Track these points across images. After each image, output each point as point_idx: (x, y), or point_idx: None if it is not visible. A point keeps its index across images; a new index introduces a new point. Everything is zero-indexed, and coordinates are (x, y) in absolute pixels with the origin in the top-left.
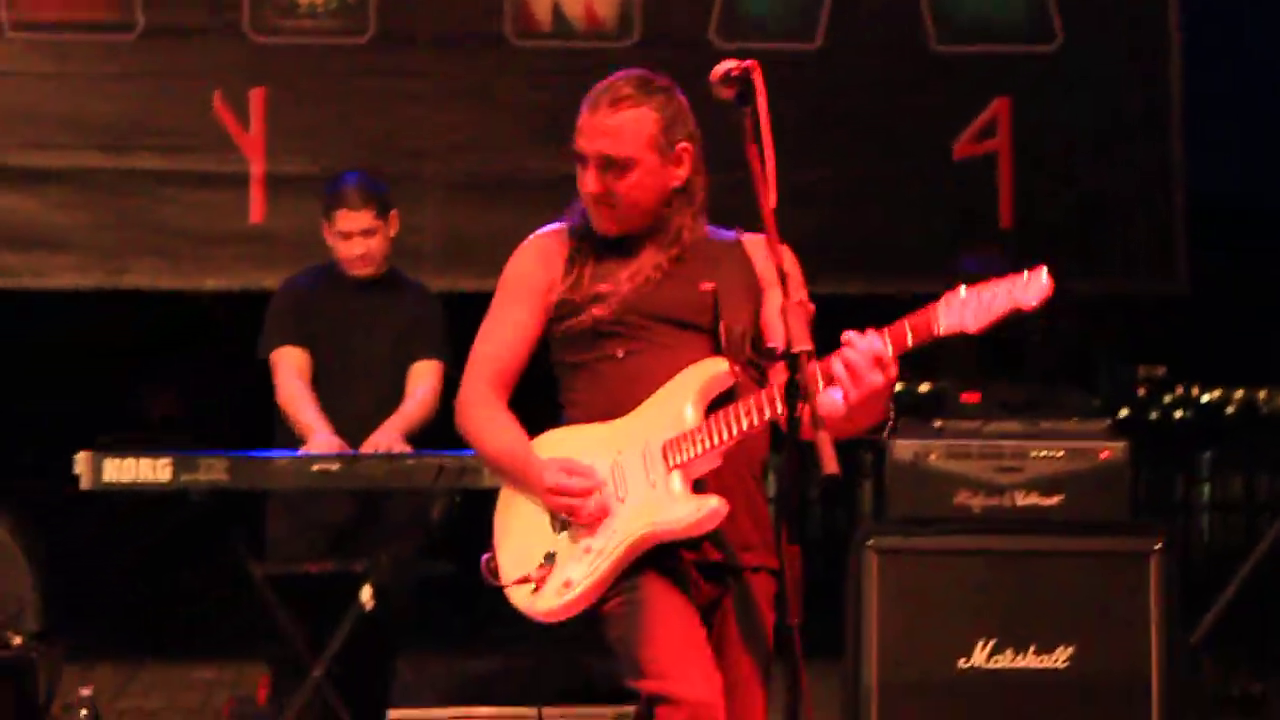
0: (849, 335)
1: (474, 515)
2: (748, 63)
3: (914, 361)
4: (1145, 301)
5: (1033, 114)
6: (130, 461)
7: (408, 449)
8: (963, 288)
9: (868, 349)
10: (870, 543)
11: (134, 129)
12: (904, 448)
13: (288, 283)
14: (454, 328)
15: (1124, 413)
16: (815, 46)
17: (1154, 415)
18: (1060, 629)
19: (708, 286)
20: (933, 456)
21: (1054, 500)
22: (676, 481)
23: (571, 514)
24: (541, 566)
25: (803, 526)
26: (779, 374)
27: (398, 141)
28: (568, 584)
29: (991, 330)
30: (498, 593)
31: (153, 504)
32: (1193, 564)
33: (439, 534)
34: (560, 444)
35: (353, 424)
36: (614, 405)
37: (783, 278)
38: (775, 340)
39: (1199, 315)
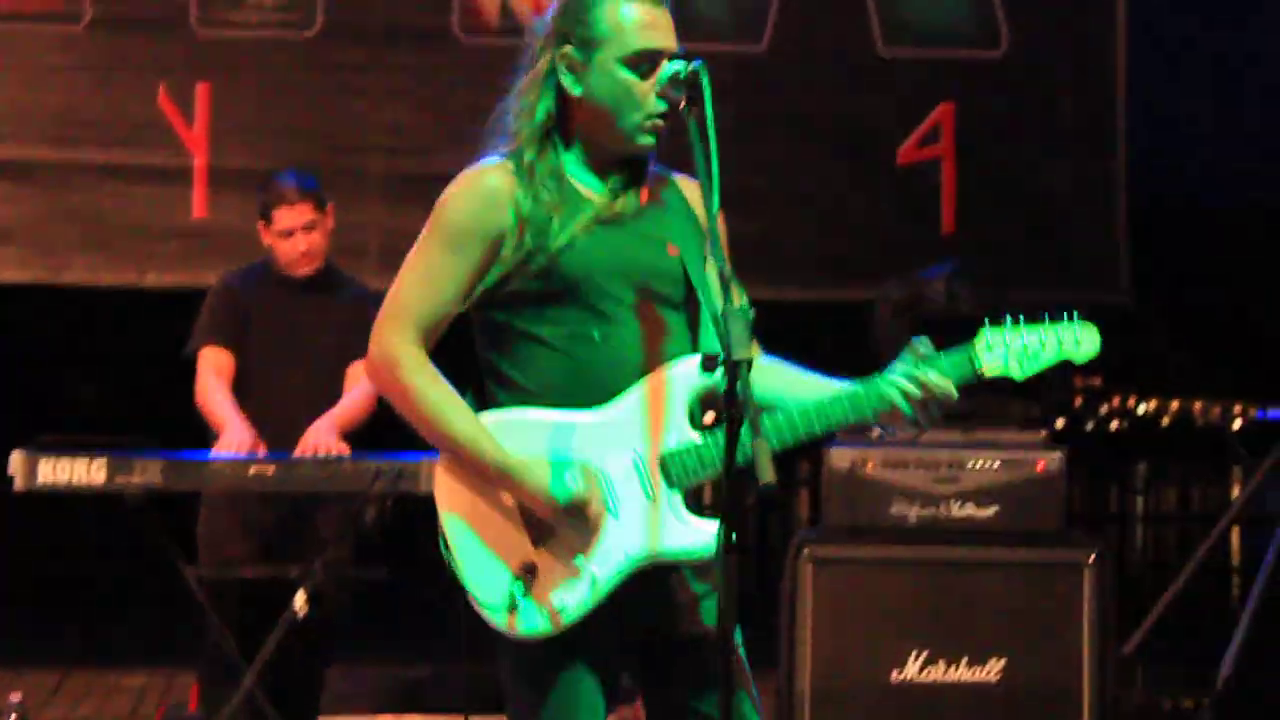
0: (918, 375)
1: (407, 520)
2: (695, 63)
3: (854, 369)
4: (1082, 310)
5: (977, 120)
6: (65, 462)
7: (344, 446)
8: (1005, 330)
9: (944, 394)
10: (806, 552)
11: (79, 122)
12: (841, 456)
13: (222, 281)
14: None
15: (1060, 423)
16: (762, 48)
17: (1090, 425)
18: (994, 640)
19: (674, 251)
20: (869, 466)
21: (990, 511)
22: (681, 504)
23: (576, 532)
24: (521, 578)
25: (739, 534)
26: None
27: (342, 138)
28: (560, 608)
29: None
30: (426, 599)
31: (84, 504)
32: (1127, 575)
33: (372, 538)
34: (515, 432)
35: (291, 423)
36: (581, 392)
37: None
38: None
39: (1136, 325)
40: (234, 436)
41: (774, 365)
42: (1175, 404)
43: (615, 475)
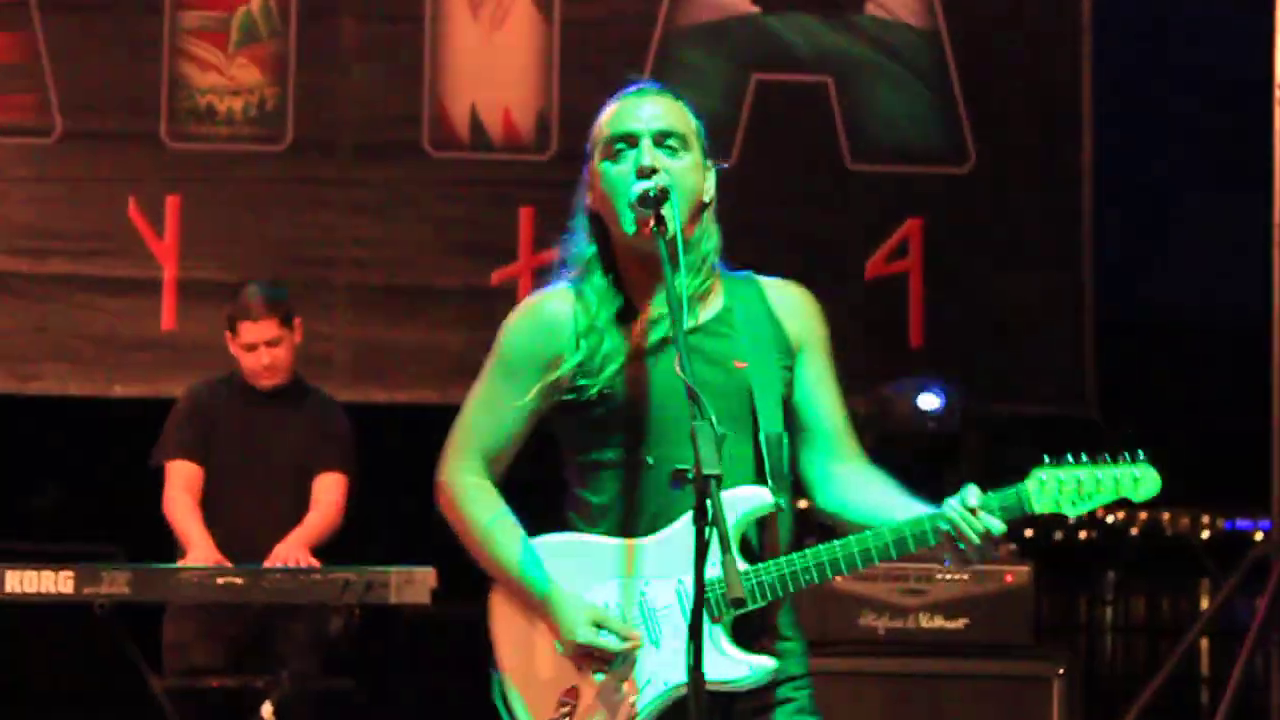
0: (959, 515)
1: (374, 631)
2: (664, 183)
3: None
4: (1051, 419)
5: (945, 235)
6: (32, 573)
7: (314, 561)
8: (1060, 467)
9: (996, 530)
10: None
11: (49, 233)
12: None
13: (189, 392)
14: (363, 440)
15: (1029, 533)
16: (731, 162)
17: (1059, 535)
18: None
19: (741, 365)
20: (838, 578)
21: (958, 623)
22: (723, 636)
23: (588, 669)
24: (563, 705)
25: None
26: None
27: (311, 250)
28: None
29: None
30: (394, 711)
31: (50, 614)
32: (1096, 686)
33: (339, 649)
34: (568, 556)
35: (257, 534)
36: (635, 518)
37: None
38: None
39: (1105, 434)
40: (199, 555)
41: (868, 481)
42: (1144, 514)
43: (659, 604)
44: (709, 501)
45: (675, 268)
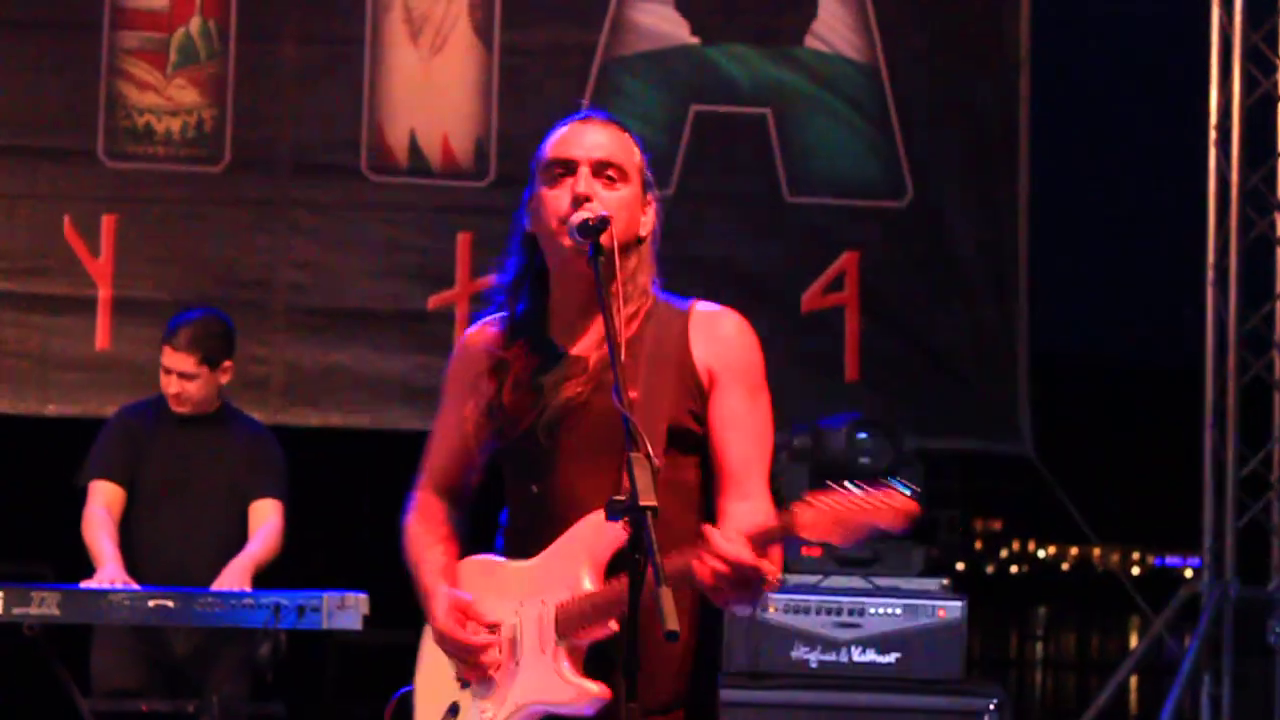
0: (715, 547)
1: (304, 655)
2: (604, 213)
3: None
4: (984, 456)
5: (882, 269)
6: None
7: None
8: (822, 497)
9: (737, 564)
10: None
11: None
12: None
13: (118, 413)
14: (298, 464)
15: (960, 566)
16: (669, 193)
17: (990, 569)
18: None
19: (634, 395)
20: (771, 609)
21: (891, 657)
22: (563, 657)
23: (457, 662)
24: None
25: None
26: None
27: (248, 271)
28: None
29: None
30: None
31: None
32: None
33: (268, 673)
34: (476, 576)
35: (184, 558)
36: (531, 543)
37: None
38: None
39: (1036, 472)
40: (107, 573)
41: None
42: (1075, 550)
43: (528, 623)
44: (642, 533)
45: (610, 298)
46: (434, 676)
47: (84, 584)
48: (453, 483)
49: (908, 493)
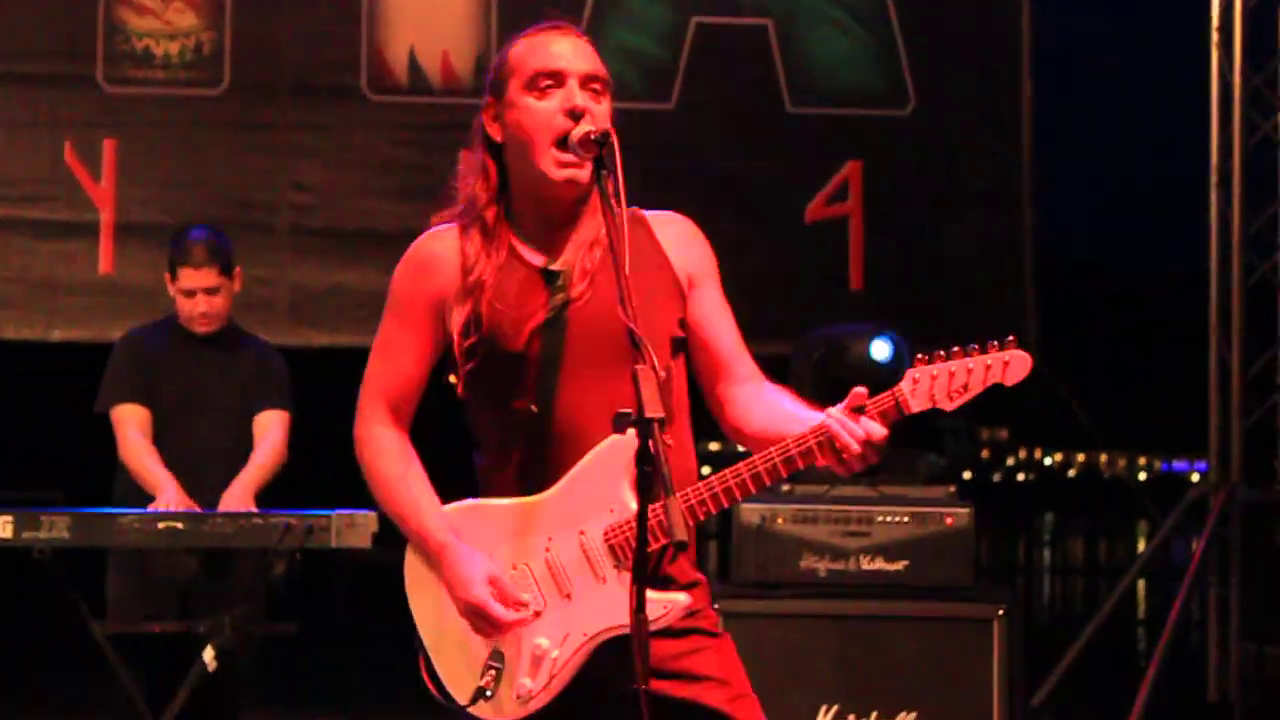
0: (838, 420)
1: (316, 573)
2: (606, 126)
3: None
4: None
5: (885, 178)
6: None
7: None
8: (933, 366)
9: (867, 437)
10: (715, 606)
11: None
12: (751, 510)
13: (128, 337)
14: (304, 384)
15: (967, 475)
16: (671, 106)
17: (997, 477)
18: (904, 694)
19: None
20: (779, 520)
21: (899, 565)
22: (629, 579)
23: (482, 634)
24: (489, 670)
25: None
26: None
27: (250, 193)
28: (527, 695)
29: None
30: (337, 653)
31: None
32: (1035, 627)
33: (281, 593)
34: (475, 525)
35: (199, 474)
36: (534, 474)
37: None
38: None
39: (1042, 379)
40: (169, 498)
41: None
42: (1081, 456)
43: (565, 558)
44: (650, 444)
45: (615, 211)
46: (451, 629)
47: (150, 508)
48: (405, 406)
49: (1018, 352)
